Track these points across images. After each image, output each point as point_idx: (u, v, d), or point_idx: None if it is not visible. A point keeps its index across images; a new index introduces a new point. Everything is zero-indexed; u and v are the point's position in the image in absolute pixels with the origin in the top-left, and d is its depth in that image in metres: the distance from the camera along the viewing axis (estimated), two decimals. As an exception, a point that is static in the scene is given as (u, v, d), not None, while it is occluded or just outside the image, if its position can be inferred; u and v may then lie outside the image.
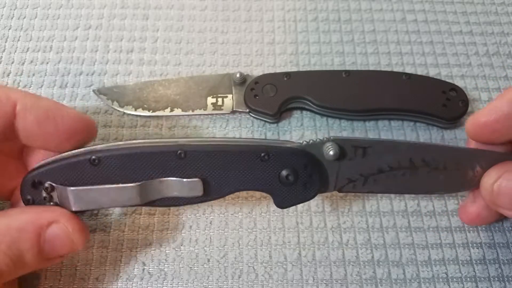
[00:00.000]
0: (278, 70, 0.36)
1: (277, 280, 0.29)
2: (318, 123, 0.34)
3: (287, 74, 0.34)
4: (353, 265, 0.29)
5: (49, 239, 0.24)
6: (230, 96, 0.34)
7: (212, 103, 0.34)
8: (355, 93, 0.33)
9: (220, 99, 0.34)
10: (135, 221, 0.30)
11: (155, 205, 0.26)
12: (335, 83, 0.34)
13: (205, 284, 0.28)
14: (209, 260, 0.29)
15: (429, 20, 0.39)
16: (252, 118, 0.34)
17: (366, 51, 0.37)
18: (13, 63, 0.36)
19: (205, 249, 0.29)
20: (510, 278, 0.29)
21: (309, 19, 0.39)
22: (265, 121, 0.34)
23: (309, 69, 0.36)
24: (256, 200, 0.31)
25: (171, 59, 0.37)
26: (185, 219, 0.30)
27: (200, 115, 0.34)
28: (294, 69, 0.36)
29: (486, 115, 0.26)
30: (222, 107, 0.34)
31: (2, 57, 0.36)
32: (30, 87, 0.35)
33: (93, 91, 0.34)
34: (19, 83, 0.35)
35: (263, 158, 0.25)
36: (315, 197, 0.27)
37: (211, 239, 0.30)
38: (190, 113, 0.34)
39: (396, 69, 0.36)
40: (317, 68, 0.36)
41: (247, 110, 0.34)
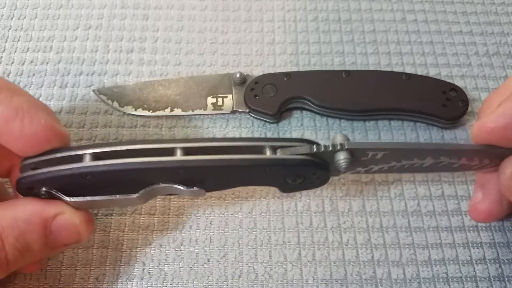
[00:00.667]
0: (278, 70, 0.36)
1: (277, 280, 0.29)
2: (318, 123, 0.34)
3: (287, 74, 0.34)
4: (353, 265, 0.29)
5: (55, 230, 0.24)
6: (230, 96, 0.34)
7: (212, 103, 0.34)
8: (355, 93, 0.33)
9: (220, 99, 0.34)
10: (135, 221, 0.30)
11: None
12: (335, 83, 0.34)
13: (205, 284, 0.28)
14: (209, 260, 0.29)
15: (429, 20, 0.39)
16: (252, 118, 0.34)
17: (366, 51, 0.37)
18: (13, 63, 0.36)
19: (205, 249, 0.29)
20: (511, 278, 0.29)
21: (309, 19, 0.39)
22: (265, 121, 0.34)
23: (309, 69, 0.36)
24: (256, 200, 0.31)
25: (171, 59, 0.37)
26: (185, 219, 0.30)
27: (200, 115, 0.34)
28: (294, 69, 0.36)
29: (494, 121, 0.24)
30: (222, 107, 0.34)
31: (2, 57, 0.36)
32: (30, 87, 0.35)
33: (93, 91, 0.34)
34: (19, 83, 0.35)
35: (267, 171, 0.25)
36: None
37: (211, 239, 0.30)
38: (190, 113, 0.34)
39: (396, 69, 0.36)
40: (317, 68, 0.36)
41: (247, 110, 0.34)
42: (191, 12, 0.39)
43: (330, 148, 0.24)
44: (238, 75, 0.34)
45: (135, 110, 0.34)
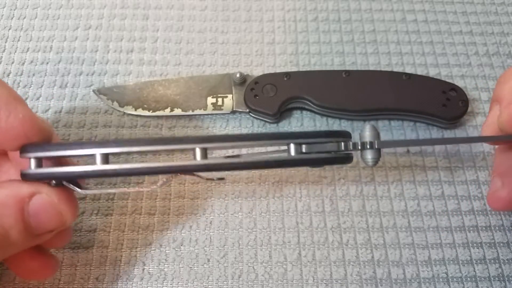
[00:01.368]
0: (278, 70, 0.36)
1: (277, 280, 0.29)
2: (318, 123, 0.34)
3: (287, 74, 0.34)
4: (353, 265, 0.29)
5: (33, 213, 0.22)
6: (230, 96, 0.34)
7: (212, 103, 0.34)
8: (355, 93, 0.33)
9: (220, 99, 0.34)
10: (135, 221, 0.30)
11: None
12: (335, 83, 0.34)
13: (205, 284, 0.28)
14: (209, 260, 0.29)
15: (429, 20, 0.39)
16: (252, 118, 0.34)
17: (366, 51, 0.37)
18: (13, 63, 0.36)
19: (205, 249, 0.29)
20: (511, 278, 0.29)
21: (309, 19, 0.39)
22: (265, 121, 0.34)
23: (309, 69, 0.36)
24: (256, 200, 0.31)
25: (171, 59, 0.37)
26: (185, 219, 0.30)
27: (200, 115, 0.34)
28: (294, 69, 0.36)
29: None
30: (222, 107, 0.34)
31: (2, 57, 0.36)
32: (30, 87, 0.35)
33: (93, 91, 0.34)
34: (19, 83, 0.35)
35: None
36: None
37: (211, 239, 0.30)
38: (190, 113, 0.34)
39: (396, 69, 0.36)
40: (317, 68, 0.36)
41: (247, 110, 0.34)
42: (191, 12, 0.39)
43: (360, 147, 0.23)
44: (238, 75, 0.34)
45: (135, 110, 0.34)
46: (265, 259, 0.29)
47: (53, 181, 0.23)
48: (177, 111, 0.34)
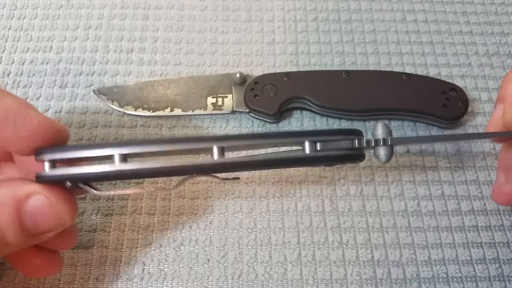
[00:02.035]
0: (278, 70, 0.36)
1: (277, 280, 0.29)
2: (318, 123, 0.34)
3: (287, 74, 0.34)
4: (353, 265, 0.29)
5: (30, 213, 0.22)
6: (230, 96, 0.34)
7: (212, 103, 0.34)
8: (355, 93, 0.33)
9: (220, 99, 0.34)
10: (135, 221, 0.30)
11: None
12: (335, 83, 0.34)
13: (205, 284, 0.28)
14: (209, 260, 0.29)
15: (429, 20, 0.39)
16: (252, 118, 0.34)
17: (366, 51, 0.37)
18: (13, 63, 0.36)
19: (205, 249, 0.29)
20: (511, 278, 0.29)
21: (309, 19, 0.39)
22: (265, 121, 0.34)
23: (309, 69, 0.36)
24: (256, 200, 0.31)
25: (171, 59, 0.37)
26: (185, 219, 0.30)
27: (200, 115, 0.34)
28: (294, 69, 0.36)
29: None
30: (222, 107, 0.34)
31: (2, 57, 0.36)
32: (30, 87, 0.35)
33: (93, 91, 0.34)
34: (19, 83, 0.35)
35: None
36: None
37: (211, 239, 0.30)
38: (190, 113, 0.34)
39: (396, 69, 0.36)
40: (317, 68, 0.36)
41: (247, 110, 0.34)
42: (191, 12, 0.39)
43: (373, 144, 0.24)
44: (238, 75, 0.34)
45: (135, 110, 0.34)
46: (265, 259, 0.29)
47: (68, 183, 0.22)
48: (177, 111, 0.34)
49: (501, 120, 0.26)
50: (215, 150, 0.22)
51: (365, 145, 0.24)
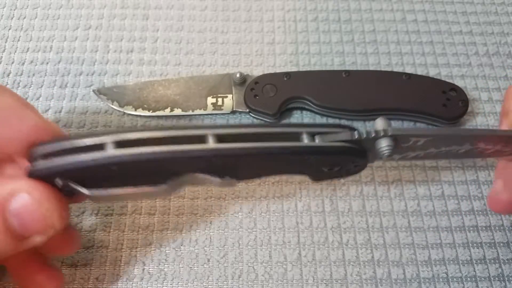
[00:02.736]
0: (278, 70, 0.36)
1: (277, 280, 0.29)
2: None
3: (287, 74, 0.34)
4: (353, 265, 0.29)
5: (15, 212, 0.20)
6: (230, 96, 0.34)
7: (212, 103, 0.34)
8: (355, 93, 0.33)
9: (220, 99, 0.34)
10: (135, 221, 0.30)
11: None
12: (335, 83, 0.34)
13: (205, 284, 0.28)
14: (209, 260, 0.29)
15: (429, 20, 0.39)
16: (252, 118, 0.34)
17: (366, 51, 0.37)
18: (13, 63, 0.36)
19: (205, 249, 0.29)
20: (511, 278, 0.29)
21: (309, 19, 0.39)
22: (265, 121, 0.34)
23: (309, 69, 0.36)
24: (256, 200, 0.31)
25: (171, 59, 0.37)
26: (185, 219, 0.30)
27: (200, 115, 0.34)
28: (294, 69, 0.36)
29: None
30: (222, 107, 0.34)
31: (2, 57, 0.36)
32: (30, 87, 0.35)
33: (93, 91, 0.34)
34: (19, 83, 0.35)
35: (305, 159, 0.23)
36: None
37: (211, 239, 0.30)
38: (190, 113, 0.34)
39: (396, 69, 0.36)
40: (317, 68, 0.36)
41: (247, 110, 0.34)
42: (191, 12, 0.39)
43: (373, 135, 0.23)
44: (238, 75, 0.34)
45: (135, 110, 0.34)
46: (265, 259, 0.29)
47: (58, 181, 0.21)
48: (177, 111, 0.34)
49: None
50: (210, 138, 0.22)
51: (365, 135, 0.23)
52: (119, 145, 0.21)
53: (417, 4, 0.40)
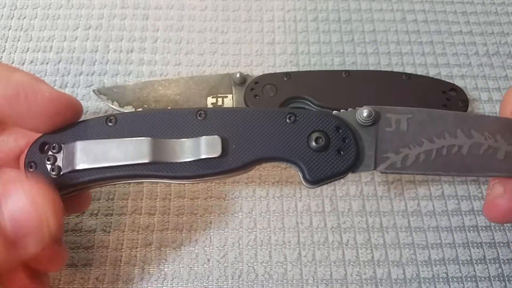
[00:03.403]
0: (278, 70, 0.36)
1: (277, 280, 0.29)
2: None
3: (287, 74, 0.34)
4: (353, 265, 0.29)
5: (9, 214, 0.19)
6: (230, 96, 0.34)
7: (212, 103, 0.34)
8: (355, 93, 0.33)
9: (220, 99, 0.34)
10: (135, 221, 0.30)
11: (165, 177, 0.24)
12: (335, 83, 0.34)
13: (205, 284, 0.28)
14: (209, 260, 0.29)
15: (429, 20, 0.39)
16: (252, 118, 0.34)
17: (366, 51, 0.37)
18: (13, 63, 0.36)
19: (205, 249, 0.29)
20: (511, 278, 0.29)
21: (309, 19, 0.39)
22: (265, 121, 0.34)
23: (309, 69, 0.36)
24: (256, 200, 0.31)
25: (171, 59, 0.37)
26: (185, 219, 0.30)
27: (200, 115, 0.34)
28: (294, 69, 0.36)
29: None
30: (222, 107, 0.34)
31: (2, 57, 0.36)
32: (30, 87, 0.35)
33: (93, 91, 0.34)
34: (19, 83, 0.35)
35: (289, 119, 0.24)
36: (353, 171, 0.24)
37: (211, 239, 0.30)
38: (190, 113, 0.34)
39: (396, 69, 0.36)
40: (317, 68, 0.36)
41: (247, 110, 0.34)
42: (191, 12, 0.39)
43: (349, 109, 0.25)
44: (238, 75, 0.34)
45: (135, 110, 0.34)
46: (265, 259, 0.29)
47: (51, 149, 0.23)
48: (177, 111, 0.34)
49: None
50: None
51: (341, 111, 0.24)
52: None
53: (417, 4, 0.40)
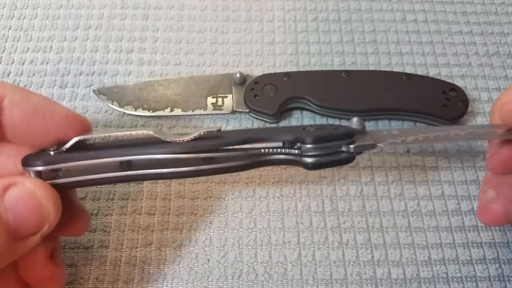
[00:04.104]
0: (278, 70, 0.36)
1: (277, 280, 0.29)
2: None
3: (287, 74, 0.34)
4: (353, 265, 0.29)
5: (10, 205, 0.20)
6: (230, 96, 0.34)
7: (212, 103, 0.34)
8: (355, 93, 0.33)
9: (220, 99, 0.34)
10: (135, 221, 0.30)
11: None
12: (335, 83, 0.34)
13: (205, 284, 0.28)
14: (209, 260, 0.29)
15: (429, 20, 0.39)
16: (252, 118, 0.34)
17: (366, 51, 0.37)
18: (13, 63, 0.36)
19: (205, 249, 0.29)
20: (511, 278, 0.29)
21: (309, 19, 0.39)
22: (265, 121, 0.34)
23: (309, 69, 0.36)
24: (256, 200, 0.31)
25: (171, 59, 0.37)
26: (185, 219, 0.30)
27: (200, 115, 0.34)
28: (294, 69, 0.36)
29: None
30: (222, 107, 0.34)
31: (2, 57, 0.36)
32: (30, 87, 0.35)
33: (93, 91, 0.34)
34: (19, 83, 0.35)
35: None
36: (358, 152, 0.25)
37: (211, 239, 0.30)
38: (190, 113, 0.34)
39: (396, 69, 0.36)
40: (317, 68, 0.36)
41: (247, 110, 0.34)
42: (191, 12, 0.39)
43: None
44: (238, 75, 0.34)
45: (135, 110, 0.34)
46: (265, 259, 0.29)
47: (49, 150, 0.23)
48: (177, 111, 0.34)
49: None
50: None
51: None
52: None
53: (417, 4, 0.40)
